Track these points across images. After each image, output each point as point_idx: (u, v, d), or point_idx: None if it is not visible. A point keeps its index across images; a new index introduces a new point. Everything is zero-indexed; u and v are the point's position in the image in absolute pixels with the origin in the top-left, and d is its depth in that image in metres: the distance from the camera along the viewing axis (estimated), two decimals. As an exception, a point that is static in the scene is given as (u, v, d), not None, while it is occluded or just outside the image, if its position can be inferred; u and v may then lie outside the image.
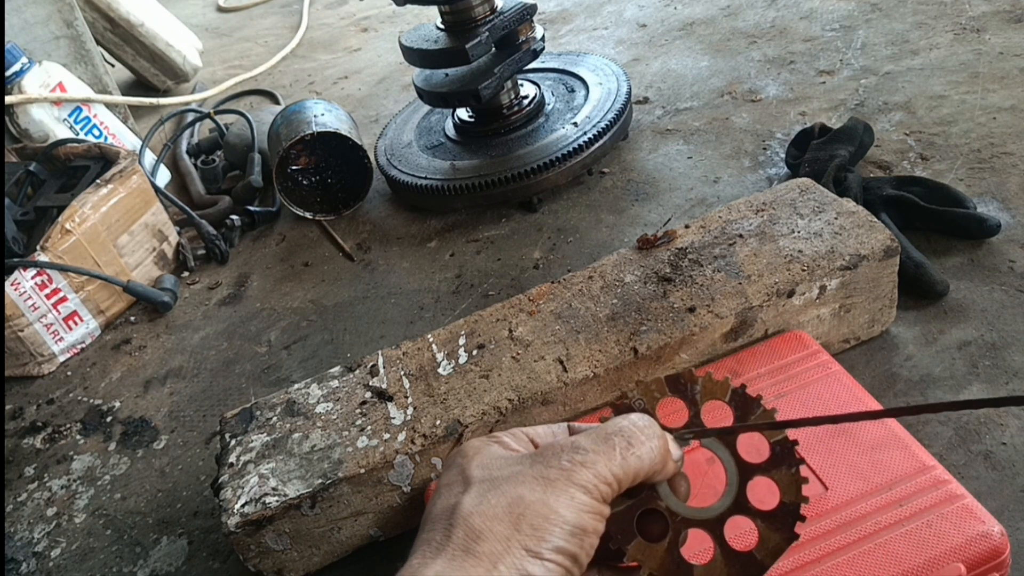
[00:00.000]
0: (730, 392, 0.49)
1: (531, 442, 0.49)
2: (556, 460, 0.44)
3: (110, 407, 1.28)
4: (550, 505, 0.42)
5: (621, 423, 0.46)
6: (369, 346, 1.25)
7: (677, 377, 0.49)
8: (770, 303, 0.92)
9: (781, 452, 0.47)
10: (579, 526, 0.42)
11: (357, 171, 1.59)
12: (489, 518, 0.42)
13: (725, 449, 0.49)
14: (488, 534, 0.41)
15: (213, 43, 2.78)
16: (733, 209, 1.05)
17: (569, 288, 1.00)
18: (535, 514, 0.42)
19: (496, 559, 0.41)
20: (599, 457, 0.44)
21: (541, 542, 0.41)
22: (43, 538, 1.08)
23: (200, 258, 1.59)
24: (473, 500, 0.43)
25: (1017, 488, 0.81)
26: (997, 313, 1.00)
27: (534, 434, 0.50)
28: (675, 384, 0.50)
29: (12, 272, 1.31)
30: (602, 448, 0.44)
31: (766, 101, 1.56)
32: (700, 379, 0.49)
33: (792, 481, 0.47)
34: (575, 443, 0.45)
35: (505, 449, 0.47)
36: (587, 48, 1.99)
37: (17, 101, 1.67)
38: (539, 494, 0.42)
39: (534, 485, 0.43)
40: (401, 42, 1.47)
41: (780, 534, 0.46)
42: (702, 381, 0.49)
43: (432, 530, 0.43)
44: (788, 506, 0.46)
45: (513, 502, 0.42)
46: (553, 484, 0.42)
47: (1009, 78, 1.42)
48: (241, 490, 0.85)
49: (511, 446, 0.48)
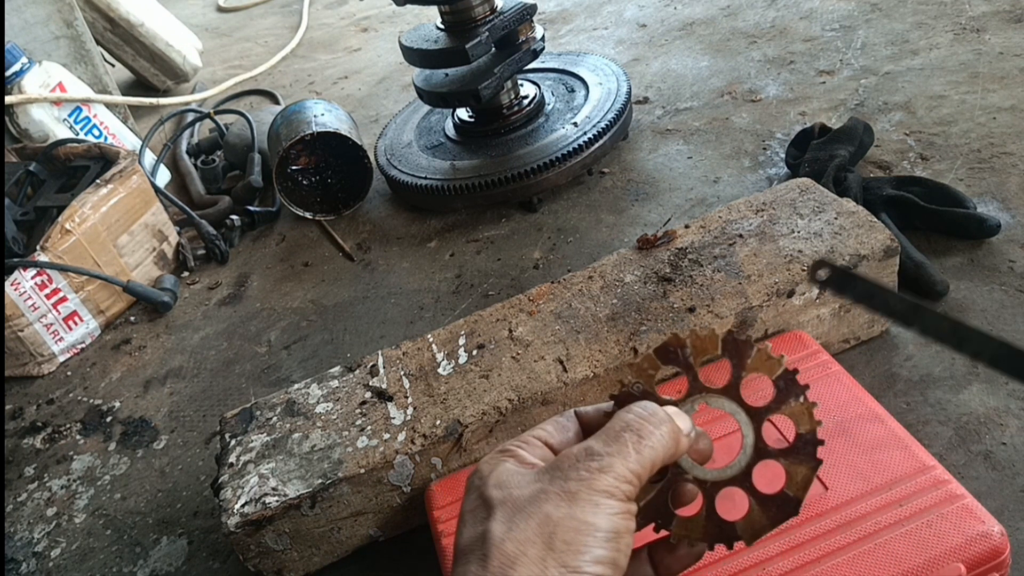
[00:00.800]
0: (720, 343, 0.49)
1: (545, 445, 0.48)
2: (574, 472, 0.43)
3: (110, 407, 1.28)
4: (579, 518, 0.41)
5: (627, 418, 0.46)
6: (369, 346, 1.25)
7: (665, 347, 0.49)
8: (770, 303, 0.92)
9: (786, 386, 0.48)
10: (612, 531, 0.42)
11: (357, 171, 1.59)
12: (521, 542, 0.41)
13: (731, 402, 0.49)
14: (523, 558, 0.41)
15: (213, 43, 2.78)
16: (733, 209, 1.05)
17: (569, 288, 1.00)
18: (566, 529, 0.41)
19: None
20: (615, 459, 0.43)
21: (578, 556, 0.41)
22: (43, 538, 1.08)
23: (200, 258, 1.59)
24: (501, 527, 0.42)
25: (1017, 488, 0.81)
26: (997, 313, 1.00)
27: (546, 436, 0.49)
28: (665, 354, 0.49)
29: (12, 272, 1.31)
30: (615, 448, 0.44)
31: (766, 101, 1.56)
32: (687, 340, 0.49)
33: (803, 411, 0.47)
34: (588, 449, 0.44)
35: (519, 463, 0.47)
36: (587, 48, 1.99)
37: (17, 101, 1.67)
38: (565, 509, 0.42)
39: (558, 501, 0.42)
40: (401, 42, 1.47)
41: (805, 465, 0.47)
42: (690, 341, 0.49)
43: (467, 563, 0.43)
44: (805, 436, 0.47)
45: (542, 522, 0.42)
46: (576, 496, 0.42)
47: (1009, 78, 1.42)
48: (241, 490, 0.85)
49: (526, 459, 0.47)
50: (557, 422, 0.50)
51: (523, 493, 0.44)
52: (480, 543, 0.43)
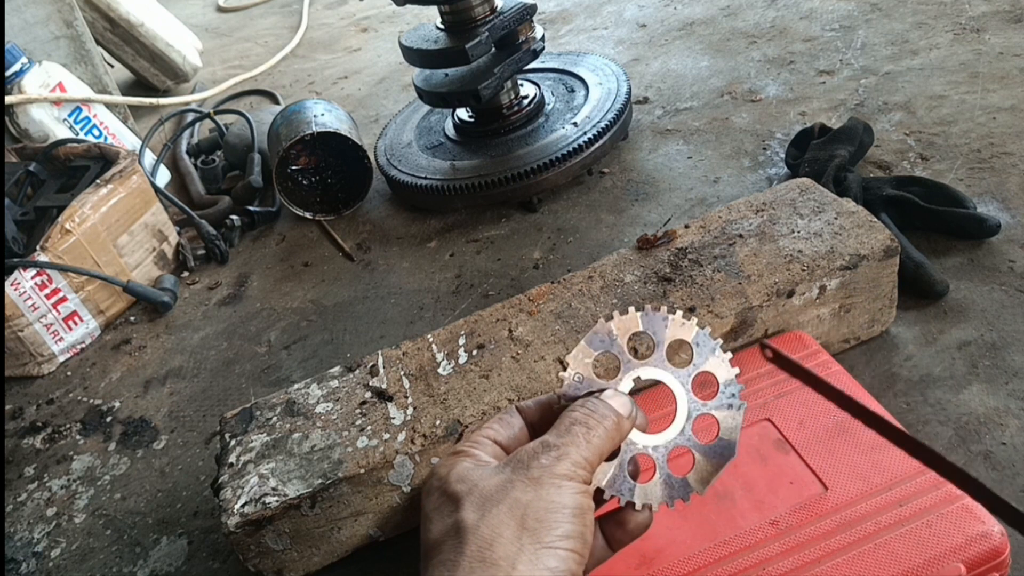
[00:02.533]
0: (639, 319, 0.53)
1: (494, 442, 0.52)
2: (535, 462, 0.47)
3: (110, 407, 1.28)
4: (546, 499, 0.45)
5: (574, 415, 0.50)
6: (369, 346, 1.25)
7: (594, 335, 0.53)
8: (770, 303, 0.92)
9: (702, 344, 0.52)
10: (577, 507, 0.45)
11: (357, 171, 1.59)
12: (495, 526, 0.44)
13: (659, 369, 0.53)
14: (500, 539, 0.43)
15: (213, 43, 2.78)
16: (733, 209, 1.05)
17: (569, 288, 1.00)
18: (536, 510, 0.44)
19: (513, 560, 0.43)
20: (569, 448, 0.48)
21: (550, 532, 0.44)
22: (43, 538, 1.08)
23: (200, 258, 1.59)
24: (473, 514, 0.45)
25: (1017, 488, 0.81)
26: (997, 313, 1.00)
27: (494, 434, 0.52)
28: (595, 342, 0.53)
29: (12, 272, 1.31)
30: (568, 439, 0.48)
31: (766, 101, 1.56)
32: (612, 324, 0.53)
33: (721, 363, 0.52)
34: (544, 443, 0.49)
35: (475, 461, 0.50)
36: (587, 48, 1.99)
37: (17, 101, 1.67)
38: (532, 492, 0.45)
39: (524, 487, 0.46)
40: (401, 42, 1.47)
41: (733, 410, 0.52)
42: (614, 325, 0.53)
43: (440, 552, 0.45)
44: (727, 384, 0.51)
45: (512, 506, 0.45)
46: (540, 481, 0.46)
47: (1009, 78, 1.42)
48: (241, 490, 0.85)
49: (480, 457, 0.50)
50: (501, 419, 0.54)
51: (489, 484, 0.47)
52: (453, 532, 0.45)
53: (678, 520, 0.74)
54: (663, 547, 0.72)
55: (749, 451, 0.76)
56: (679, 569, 0.71)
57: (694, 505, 0.74)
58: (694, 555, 0.72)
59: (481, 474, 0.48)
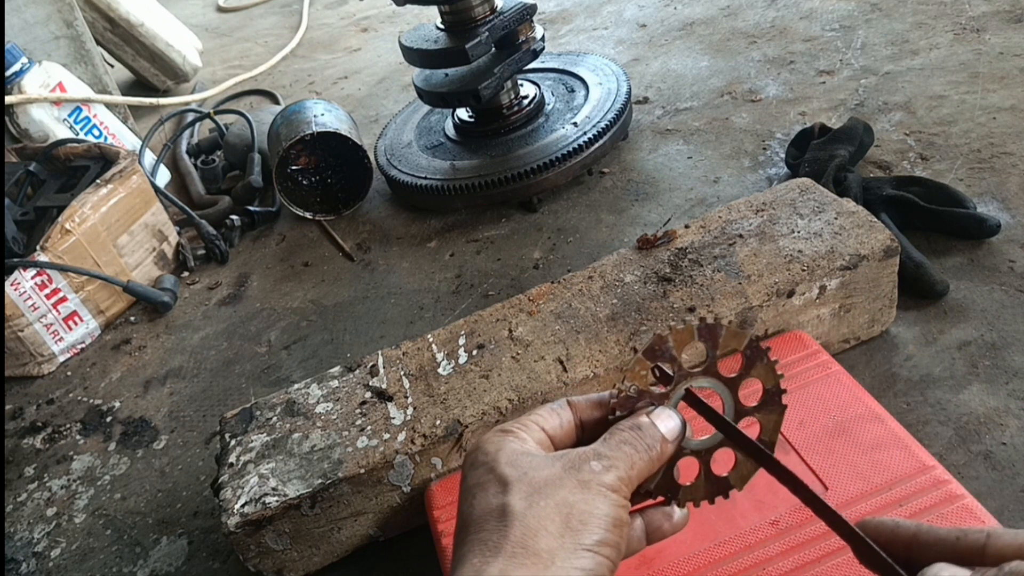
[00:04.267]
0: (695, 332, 0.56)
1: (541, 430, 0.53)
2: (586, 467, 0.49)
3: (110, 407, 1.28)
4: (591, 504, 0.47)
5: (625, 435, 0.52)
6: (369, 346, 1.25)
7: (651, 348, 0.55)
8: (770, 303, 0.92)
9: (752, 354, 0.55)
10: (616, 518, 0.47)
11: (357, 171, 1.59)
12: (542, 517, 0.46)
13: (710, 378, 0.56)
14: (543, 532, 0.46)
15: (213, 43, 2.78)
16: (733, 209, 1.05)
17: (569, 288, 1.00)
18: (580, 512, 0.47)
19: (552, 555, 0.45)
20: (619, 463, 0.50)
21: (590, 535, 0.46)
22: (43, 538, 1.08)
23: (200, 258, 1.59)
24: (522, 501, 0.47)
25: (1017, 488, 0.81)
26: (997, 313, 1.00)
27: (542, 421, 0.54)
28: (652, 354, 0.56)
29: (12, 272, 1.31)
30: (619, 455, 0.50)
31: (766, 101, 1.56)
32: (669, 336, 0.55)
33: (768, 371, 0.54)
34: (597, 451, 0.51)
35: (522, 444, 0.52)
36: (587, 48, 1.99)
37: (17, 101, 1.67)
38: (579, 495, 0.47)
39: (573, 488, 0.48)
40: (401, 42, 1.47)
41: (774, 413, 0.54)
42: (671, 337, 0.55)
43: (483, 530, 0.47)
44: (771, 390, 0.54)
45: (560, 503, 0.47)
46: (588, 486, 0.48)
47: (1009, 78, 1.42)
48: (241, 490, 0.85)
49: (527, 442, 0.52)
50: (551, 409, 0.55)
51: (539, 475, 0.49)
52: (499, 514, 0.47)
53: (678, 520, 0.74)
54: (663, 547, 0.72)
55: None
56: (679, 569, 0.71)
57: (694, 505, 0.74)
58: (694, 555, 0.72)
59: (531, 463, 0.50)
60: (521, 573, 0.44)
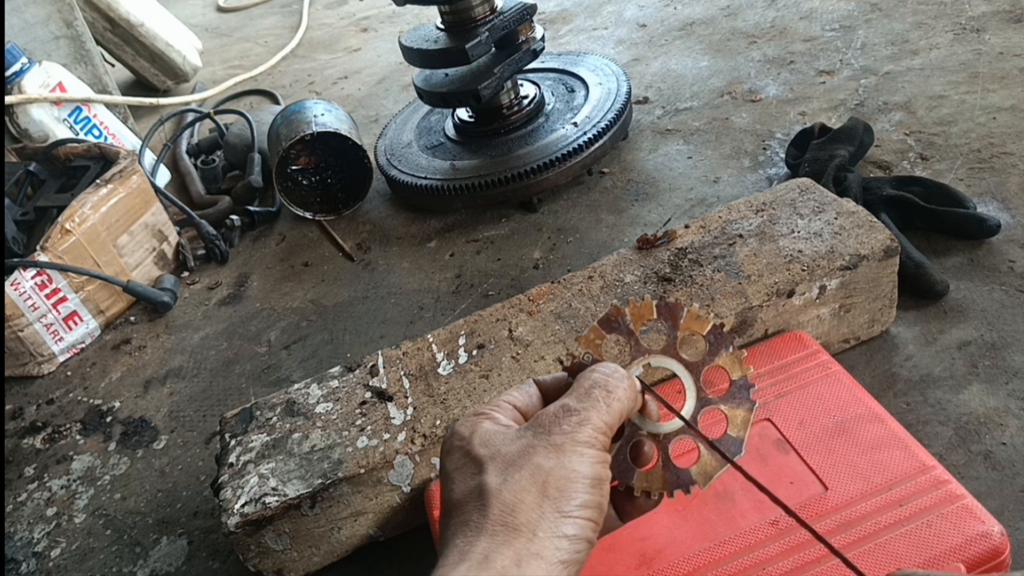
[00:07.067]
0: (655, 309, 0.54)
1: (513, 407, 0.53)
2: (556, 427, 0.48)
3: (110, 407, 1.28)
4: (567, 467, 0.46)
5: (594, 376, 0.51)
6: (369, 346, 1.25)
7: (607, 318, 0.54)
8: (770, 303, 0.92)
9: (716, 340, 0.53)
10: (596, 477, 0.47)
11: (357, 171, 1.59)
12: (518, 491, 0.46)
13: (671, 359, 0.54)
14: (521, 505, 0.45)
15: (213, 43, 2.78)
16: (733, 209, 1.05)
17: (569, 288, 1.00)
18: (557, 478, 0.46)
19: (534, 527, 0.44)
20: (590, 412, 0.48)
21: (570, 501, 0.45)
22: (43, 538, 1.08)
23: (200, 258, 1.59)
24: (496, 478, 0.47)
25: (1017, 488, 0.81)
26: (997, 313, 1.00)
27: (513, 400, 0.53)
28: (608, 324, 0.54)
29: (12, 272, 1.31)
30: (588, 403, 0.49)
31: (766, 101, 1.56)
32: (627, 309, 0.54)
33: (734, 360, 0.52)
34: (565, 406, 0.49)
35: (495, 424, 0.51)
36: (587, 48, 1.99)
37: (17, 101, 1.67)
38: (554, 459, 0.46)
39: (547, 453, 0.47)
40: (401, 42, 1.47)
41: (743, 408, 0.52)
42: (629, 311, 0.54)
43: (464, 512, 0.47)
44: (739, 382, 0.52)
45: (534, 472, 0.46)
46: (562, 448, 0.47)
47: (1009, 78, 1.42)
48: (241, 490, 0.85)
49: (500, 420, 0.51)
50: (521, 388, 0.55)
51: (511, 449, 0.48)
52: (477, 495, 0.47)
53: (678, 520, 0.74)
54: (663, 547, 0.72)
55: (749, 451, 0.76)
56: (679, 569, 0.71)
57: (694, 505, 0.74)
58: (694, 555, 0.72)
59: (503, 438, 0.49)
60: (506, 551, 0.44)
